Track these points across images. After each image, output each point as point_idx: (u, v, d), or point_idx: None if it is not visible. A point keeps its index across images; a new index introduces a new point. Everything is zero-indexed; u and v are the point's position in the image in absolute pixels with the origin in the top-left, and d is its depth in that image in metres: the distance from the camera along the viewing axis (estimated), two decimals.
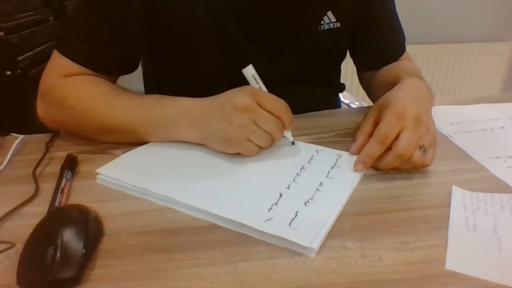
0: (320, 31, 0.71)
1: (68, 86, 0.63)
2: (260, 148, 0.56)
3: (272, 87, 0.74)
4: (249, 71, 0.57)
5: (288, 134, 0.59)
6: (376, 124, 0.55)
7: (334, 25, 0.72)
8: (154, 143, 0.60)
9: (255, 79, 0.57)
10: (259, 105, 0.53)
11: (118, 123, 0.59)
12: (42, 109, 0.66)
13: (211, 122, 0.55)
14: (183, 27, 0.67)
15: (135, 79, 0.79)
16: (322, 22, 0.71)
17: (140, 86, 1.01)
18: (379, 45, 0.79)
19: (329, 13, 0.71)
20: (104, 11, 0.63)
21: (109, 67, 0.66)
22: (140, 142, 0.60)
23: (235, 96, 0.54)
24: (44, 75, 0.65)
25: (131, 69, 0.71)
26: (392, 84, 0.61)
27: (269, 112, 0.53)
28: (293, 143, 0.60)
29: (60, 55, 0.64)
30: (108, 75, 0.66)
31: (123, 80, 0.72)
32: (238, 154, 0.56)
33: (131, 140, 0.60)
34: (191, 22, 0.66)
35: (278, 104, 0.54)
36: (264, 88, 0.58)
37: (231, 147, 0.55)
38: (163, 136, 0.59)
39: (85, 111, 0.61)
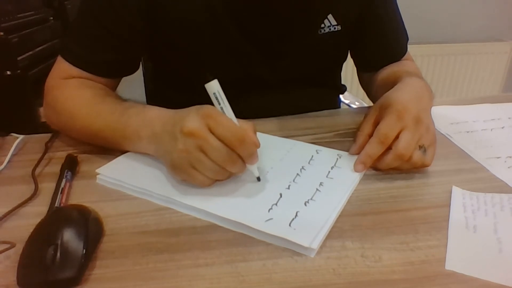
0: (321, 35, 0.71)
1: (59, 88, 0.64)
2: (215, 180, 0.49)
3: (272, 90, 0.74)
4: (212, 88, 0.47)
5: (252, 168, 0.50)
6: (376, 124, 0.55)
7: (334, 28, 0.72)
8: None
9: (216, 98, 0.47)
10: (210, 130, 0.45)
11: (93, 131, 0.59)
12: (43, 110, 0.67)
13: (163, 140, 0.49)
14: (182, 30, 0.67)
15: (135, 79, 0.79)
16: (323, 25, 0.71)
17: (140, 86, 1.01)
18: (381, 46, 0.79)
19: (330, 17, 0.71)
20: (101, 16, 0.64)
21: (107, 70, 0.67)
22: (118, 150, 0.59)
23: (187, 116, 0.46)
24: (48, 77, 0.67)
25: (130, 71, 0.71)
26: (392, 84, 0.61)
27: (222, 141, 0.45)
28: (258, 179, 0.50)
29: (62, 59, 0.65)
30: (108, 78, 0.67)
31: (123, 80, 0.72)
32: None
33: (108, 146, 0.59)
34: (190, 26, 0.66)
35: (234, 133, 0.45)
36: (227, 110, 0.48)
37: (174, 172, 0.49)
38: (128, 147, 0.56)
39: (70, 115, 0.62)
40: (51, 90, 0.65)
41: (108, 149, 0.60)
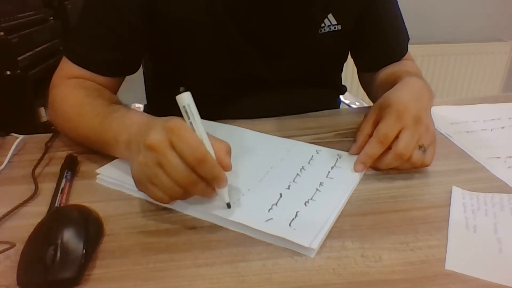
0: (321, 34, 0.71)
1: (59, 87, 0.64)
2: (175, 198, 0.44)
3: (272, 90, 0.74)
4: (182, 101, 0.43)
5: (221, 192, 0.45)
6: (376, 124, 0.55)
7: (335, 27, 0.72)
8: None
9: (186, 111, 0.43)
10: (172, 146, 0.42)
11: (81, 132, 0.59)
12: (48, 109, 0.68)
13: (132, 147, 0.47)
14: (182, 31, 0.67)
15: (136, 79, 0.79)
16: (323, 25, 0.71)
17: (141, 86, 1.01)
18: (382, 46, 0.79)
19: (330, 16, 0.71)
20: (102, 15, 0.64)
21: (109, 69, 0.67)
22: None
23: (151, 128, 0.44)
24: (53, 77, 0.67)
25: (132, 71, 0.71)
26: (392, 84, 0.61)
27: (181, 158, 0.42)
28: (228, 205, 0.45)
29: (65, 59, 0.66)
30: (109, 77, 0.67)
31: (124, 80, 0.72)
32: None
33: (96, 150, 0.58)
34: (190, 26, 0.66)
35: (192, 152, 0.41)
36: (197, 125, 0.43)
37: (136, 184, 0.46)
38: (108, 151, 0.54)
39: (64, 116, 0.62)
40: (53, 89, 0.65)
41: None
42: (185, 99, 0.43)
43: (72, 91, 0.63)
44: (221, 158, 0.44)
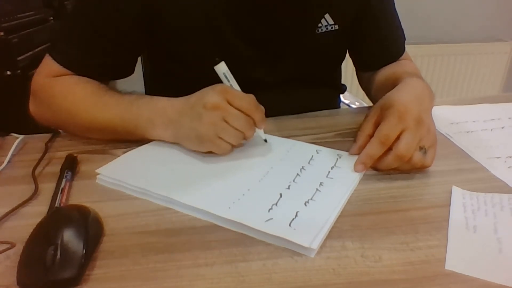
0: (318, 34, 0.71)
1: (55, 85, 0.64)
2: (232, 146, 0.56)
3: (272, 90, 0.74)
4: (221, 69, 0.56)
5: (260, 132, 0.59)
6: (377, 124, 0.55)
7: (332, 27, 0.72)
8: (154, 143, 0.60)
9: (226, 77, 0.56)
10: (229, 103, 0.53)
11: (100, 122, 0.61)
12: (33, 108, 0.68)
13: (183, 121, 0.55)
14: (179, 36, 0.67)
15: (135, 79, 0.79)
16: (320, 25, 0.71)
17: (140, 86, 1.01)
18: (379, 45, 0.79)
19: (327, 16, 0.71)
20: (93, 19, 0.64)
21: (98, 73, 0.66)
22: (123, 140, 0.61)
23: (206, 95, 0.54)
24: (35, 75, 0.67)
25: (123, 75, 0.71)
26: (392, 84, 0.61)
27: (239, 110, 0.53)
28: (265, 140, 0.60)
29: (50, 58, 0.65)
30: (98, 81, 0.66)
31: (123, 80, 0.72)
32: (210, 152, 0.56)
33: (114, 138, 0.62)
34: (187, 31, 0.66)
35: (248, 102, 0.54)
36: (236, 86, 0.57)
37: (202, 145, 0.55)
38: (141, 135, 0.59)
39: (70, 110, 0.62)
40: (44, 88, 0.65)
41: (108, 149, 0.60)
42: (223, 67, 0.56)
43: (77, 85, 0.63)
44: (257, 105, 0.55)
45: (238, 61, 0.70)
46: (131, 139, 0.61)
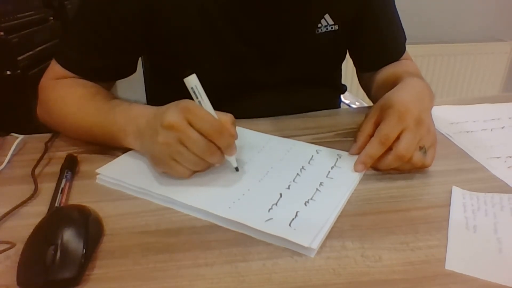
0: (318, 34, 0.71)
1: (54, 88, 0.65)
2: (195, 171, 0.51)
3: (272, 90, 0.74)
4: (190, 83, 0.49)
5: (230, 159, 0.52)
6: (377, 124, 0.55)
7: (331, 27, 0.72)
8: None
9: (194, 92, 0.49)
10: (189, 123, 0.47)
11: (83, 128, 0.61)
12: (37, 109, 0.69)
13: (146, 135, 0.51)
14: (178, 37, 0.67)
15: (136, 79, 0.79)
16: (320, 25, 0.71)
17: (141, 86, 1.01)
18: (380, 46, 0.79)
19: (327, 16, 0.71)
20: (93, 21, 0.64)
21: (99, 75, 0.67)
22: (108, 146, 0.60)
23: (166, 111, 0.48)
24: (42, 78, 0.68)
25: (123, 75, 0.71)
26: (392, 84, 0.61)
27: (200, 133, 0.47)
28: (236, 169, 0.53)
29: (55, 62, 0.66)
30: (100, 82, 0.67)
31: (124, 80, 0.72)
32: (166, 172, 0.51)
33: (99, 144, 0.60)
34: (186, 32, 0.66)
35: (211, 125, 0.47)
36: (206, 104, 0.49)
37: (157, 165, 0.51)
38: (115, 143, 0.57)
39: (60, 114, 0.63)
40: (45, 90, 0.66)
41: (108, 149, 0.60)
42: (192, 81, 0.49)
43: (69, 89, 0.64)
44: (229, 128, 0.49)
45: (238, 61, 0.71)
46: (113, 147, 0.59)
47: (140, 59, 0.76)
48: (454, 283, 0.37)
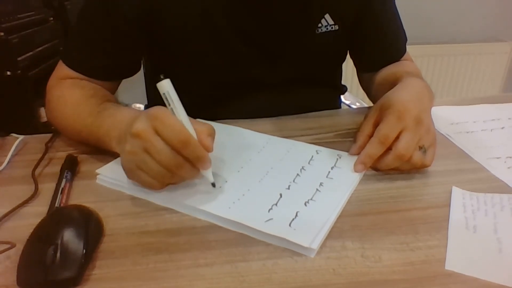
0: (318, 34, 0.71)
1: (56, 88, 0.66)
2: (166, 183, 0.48)
3: (272, 90, 0.74)
4: (162, 88, 0.46)
5: (206, 173, 0.47)
6: (376, 124, 0.55)
7: (332, 27, 0.72)
8: None
9: (167, 98, 0.46)
10: (157, 132, 0.44)
11: (76, 130, 0.61)
12: (45, 108, 0.69)
13: (121, 141, 0.49)
14: (179, 37, 0.67)
15: (136, 79, 0.79)
16: (320, 25, 0.71)
17: (141, 86, 1.02)
18: (380, 46, 0.79)
19: (327, 16, 0.71)
20: (96, 21, 0.65)
21: (104, 74, 0.68)
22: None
23: (136, 118, 0.46)
24: (50, 78, 0.68)
25: (129, 74, 0.72)
26: (392, 84, 0.61)
27: (167, 142, 0.44)
28: (213, 185, 0.48)
29: (62, 62, 0.67)
30: (105, 81, 0.68)
31: (124, 80, 0.73)
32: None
33: (91, 145, 0.60)
34: (187, 32, 0.67)
35: (177, 135, 0.44)
36: (179, 112, 0.46)
37: (126, 173, 0.48)
38: (102, 147, 0.56)
39: (59, 114, 0.64)
40: (50, 89, 0.67)
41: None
42: (165, 87, 0.46)
43: (68, 91, 0.64)
44: (202, 139, 0.46)
45: (238, 61, 0.71)
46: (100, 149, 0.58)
47: None
48: (454, 283, 0.37)
